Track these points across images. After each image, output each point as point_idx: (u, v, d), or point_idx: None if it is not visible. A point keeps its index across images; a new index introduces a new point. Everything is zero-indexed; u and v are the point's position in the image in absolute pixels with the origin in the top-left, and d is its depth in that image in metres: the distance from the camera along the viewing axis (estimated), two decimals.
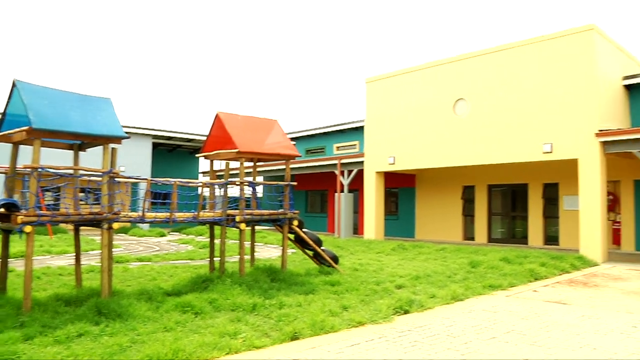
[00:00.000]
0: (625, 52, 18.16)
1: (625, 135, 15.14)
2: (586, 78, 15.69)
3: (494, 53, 17.88)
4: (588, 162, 15.51)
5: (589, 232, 15.39)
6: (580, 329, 6.96)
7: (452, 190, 22.86)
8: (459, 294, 9.14)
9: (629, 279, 11.82)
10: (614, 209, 18.79)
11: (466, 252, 15.49)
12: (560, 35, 16.39)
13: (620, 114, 17.57)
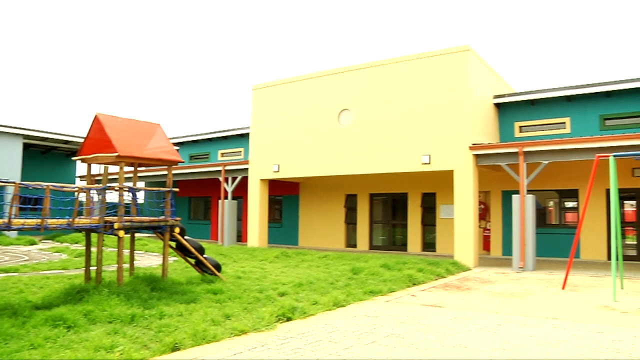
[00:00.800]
0: (495, 73, 19.61)
1: (495, 150, 16.34)
2: (461, 95, 16.75)
3: (377, 67, 18.59)
4: (462, 173, 16.54)
5: (463, 239, 16.40)
6: (453, 330, 7.39)
7: (335, 198, 23.41)
8: (340, 300, 9.36)
9: (496, 282, 12.71)
10: (485, 217, 20.14)
11: (348, 259, 15.89)
12: (438, 54, 17.38)
13: (492, 130, 18.92)
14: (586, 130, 18.26)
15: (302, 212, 24.52)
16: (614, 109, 18.17)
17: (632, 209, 18.72)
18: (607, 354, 6.16)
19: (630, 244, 18.65)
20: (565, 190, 19.09)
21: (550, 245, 18.32)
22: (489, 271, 15.08)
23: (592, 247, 17.99)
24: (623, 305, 9.53)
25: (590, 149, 14.71)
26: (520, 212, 15.61)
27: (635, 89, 17.65)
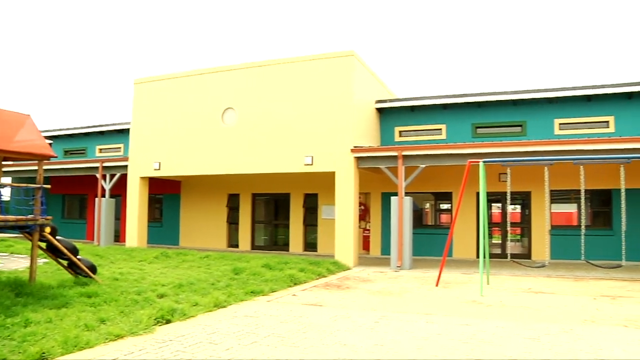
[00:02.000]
0: (378, 79, 20.28)
1: (375, 153, 16.90)
2: (344, 99, 17.14)
3: (262, 67, 18.56)
4: (344, 175, 16.93)
5: (343, 239, 16.78)
6: (333, 328, 7.53)
7: (218, 198, 23.08)
8: (221, 301, 9.23)
9: (375, 281, 13.13)
10: (365, 218, 20.74)
11: (230, 259, 15.72)
12: (323, 57, 17.67)
13: (373, 133, 19.54)
14: (460, 137, 19.39)
15: (184, 212, 23.93)
16: (484, 118, 19.47)
17: (498, 210, 20.17)
18: (473, 343, 6.56)
19: (496, 243, 20.09)
20: (441, 193, 20.14)
21: (427, 244, 19.23)
22: (368, 270, 15.54)
23: (463, 246, 19.13)
24: (488, 300, 10.21)
25: (463, 154, 15.64)
26: (399, 213, 16.23)
27: (503, 101, 19.04)
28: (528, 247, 18.83)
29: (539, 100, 18.82)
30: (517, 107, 19.13)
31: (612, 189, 17.16)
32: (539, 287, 12.09)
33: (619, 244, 12.75)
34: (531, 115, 18.95)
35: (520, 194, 18.73)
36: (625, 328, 7.75)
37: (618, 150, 14.43)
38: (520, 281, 13.09)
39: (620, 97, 18.09)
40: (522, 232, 20.06)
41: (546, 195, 12.71)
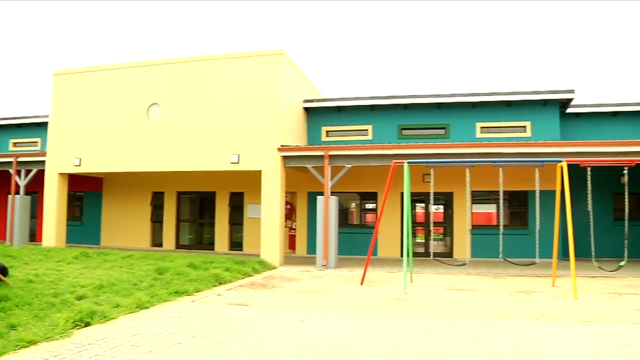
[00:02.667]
0: (306, 78, 20.33)
1: (302, 152, 16.93)
2: (272, 97, 17.06)
3: (190, 62, 18.20)
4: (270, 174, 16.85)
5: (269, 238, 16.71)
6: (258, 328, 7.46)
7: (141, 195, 22.45)
8: (144, 302, 8.95)
9: (300, 280, 13.14)
10: (291, 217, 20.74)
11: (154, 258, 15.30)
12: (252, 55, 17.53)
13: (300, 133, 19.57)
14: (386, 137, 19.75)
15: (105, 210, 23.10)
16: (410, 120, 19.92)
17: (422, 210, 20.68)
18: (397, 340, 6.68)
19: (420, 242, 20.60)
20: (366, 193, 20.43)
21: (352, 244, 19.44)
22: (294, 269, 15.54)
23: (388, 245, 19.49)
24: (412, 297, 10.43)
25: (388, 155, 15.93)
26: (324, 212, 16.33)
27: (428, 104, 19.55)
28: (450, 246, 19.42)
29: (462, 104, 19.45)
30: (441, 110, 19.69)
31: (528, 190, 17.97)
32: (460, 284, 12.47)
33: (533, 242, 13.37)
34: (454, 119, 19.56)
35: (443, 194, 19.30)
36: (537, 321, 8.13)
37: (534, 154, 15.13)
38: (442, 279, 13.46)
39: (536, 103, 18.99)
40: (444, 231, 20.67)
41: (467, 196, 13.15)
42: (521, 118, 19.14)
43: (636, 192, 18.88)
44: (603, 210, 18.32)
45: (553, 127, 18.89)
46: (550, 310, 9.12)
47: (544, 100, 18.81)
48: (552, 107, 19.00)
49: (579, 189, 13.62)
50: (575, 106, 19.70)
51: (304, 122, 20.27)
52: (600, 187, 15.68)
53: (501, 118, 19.27)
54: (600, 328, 7.68)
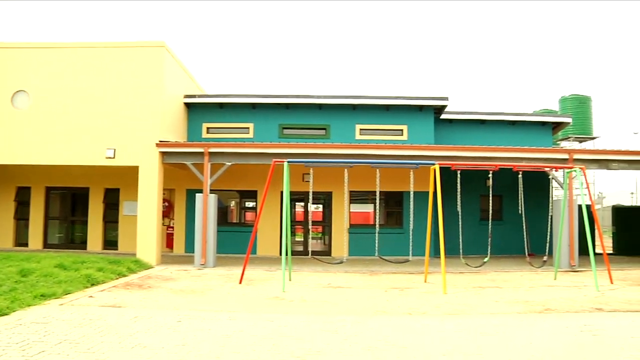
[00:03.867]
0: (188, 73, 19.82)
1: (181, 148, 16.51)
2: (152, 91, 16.46)
3: (64, 48, 17.07)
4: (148, 170, 16.26)
5: (146, 236, 16.11)
6: (133, 330, 7.16)
7: (4, 191, 20.74)
8: (3, 308, 8.20)
9: (178, 279, 12.80)
10: (169, 215, 20.15)
11: (17, 259, 14.14)
12: (132, 46, 16.80)
13: (180, 129, 19.06)
14: (267, 136, 19.75)
15: None
16: (291, 119, 20.07)
17: (301, 209, 20.92)
18: (275, 338, 6.69)
19: (299, 240, 20.82)
20: (246, 191, 20.32)
21: (231, 242, 19.23)
22: (171, 268, 15.11)
23: (267, 244, 19.50)
24: (290, 295, 10.52)
25: (269, 154, 15.94)
26: (203, 210, 16.03)
27: (309, 104, 19.81)
28: (329, 245, 19.81)
29: (342, 106, 19.91)
30: (323, 111, 20.04)
31: (404, 191, 18.73)
32: (338, 282, 12.76)
33: (408, 241, 13.98)
34: (335, 120, 19.98)
35: (322, 194, 19.64)
36: (410, 316, 8.52)
37: (409, 156, 15.82)
38: (320, 277, 13.69)
39: (413, 109, 19.89)
40: (323, 230, 21.04)
41: (345, 196, 13.51)
42: (399, 122, 19.96)
43: (499, 194, 20.42)
44: (471, 211, 19.54)
45: (428, 132, 19.88)
46: (422, 305, 9.59)
47: (420, 105, 19.73)
48: (427, 113, 19.99)
49: (449, 190, 14.44)
50: (448, 113, 20.88)
51: (185, 118, 19.77)
52: (468, 189, 16.72)
53: (380, 121, 19.97)
54: (465, 320, 8.21)
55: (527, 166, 14.08)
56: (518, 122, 21.68)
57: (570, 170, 13.74)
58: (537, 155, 16.57)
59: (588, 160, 16.87)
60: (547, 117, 22.38)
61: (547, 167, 14.58)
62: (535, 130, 21.89)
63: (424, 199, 14.29)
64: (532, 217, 17.92)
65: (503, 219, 20.69)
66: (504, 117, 21.39)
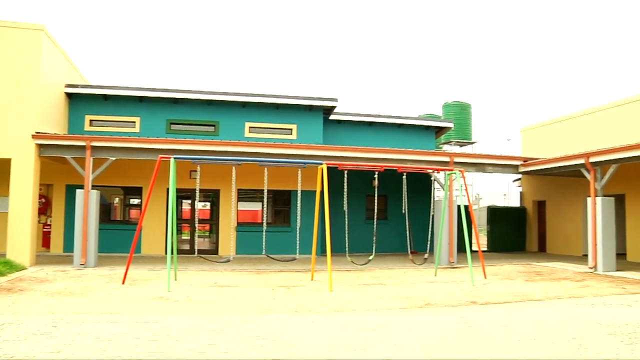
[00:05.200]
0: (69, 60, 18.71)
1: (61, 141, 15.60)
2: (28, 77, 15.39)
3: None
4: (22, 163, 15.19)
5: (18, 235, 15.04)
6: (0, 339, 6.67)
7: None
8: None
9: (55, 281, 12.09)
10: (46, 212, 18.98)
11: None
12: (7, 26, 15.51)
13: (60, 120, 17.98)
14: (154, 131, 19.15)
15: None
16: (180, 115, 19.60)
17: (188, 207, 20.49)
18: (159, 340, 6.51)
19: (186, 239, 20.39)
20: (131, 188, 19.58)
21: (115, 241, 18.44)
22: (47, 269, 14.23)
23: (152, 242, 18.91)
24: (176, 295, 10.28)
25: (156, 149, 15.46)
26: (84, 207, 15.25)
27: (199, 100, 19.45)
28: (216, 243, 19.57)
29: (232, 103, 19.74)
30: (212, 107, 19.75)
31: (292, 190, 18.91)
32: (225, 281, 12.64)
33: (295, 239, 14.11)
34: (224, 117, 19.77)
35: (210, 191, 19.38)
36: (297, 313, 8.62)
37: (298, 155, 16.01)
38: (207, 276, 13.50)
39: (303, 108, 20.12)
40: (210, 228, 20.74)
41: (233, 194, 13.39)
42: (288, 121, 20.11)
43: (384, 194, 21.16)
44: (357, 210, 20.09)
45: (317, 132, 20.19)
46: (308, 302, 9.73)
47: (309, 105, 19.99)
48: (316, 113, 20.30)
49: (336, 190, 14.74)
50: (337, 114, 21.33)
51: (66, 109, 18.66)
52: (355, 189, 17.17)
53: (270, 119, 20.01)
54: (351, 316, 8.44)
55: (411, 168, 14.71)
56: (404, 125, 22.59)
57: (451, 172, 14.52)
58: (420, 157, 17.37)
59: (467, 163, 17.95)
60: (431, 122, 23.51)
61: (430, 169, 15.29)
62: (419, 133, 22.91)
63: (312, 198, 14.51)
64: (415, 216, 18.74)
65: (388, 218, 21.47)
66: (391, 120, 22.20)
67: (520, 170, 19.38)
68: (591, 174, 15.93)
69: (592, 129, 21.20)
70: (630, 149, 14.67)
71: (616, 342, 6.79)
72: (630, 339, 6.96)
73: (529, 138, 25.54)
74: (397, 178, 14.52)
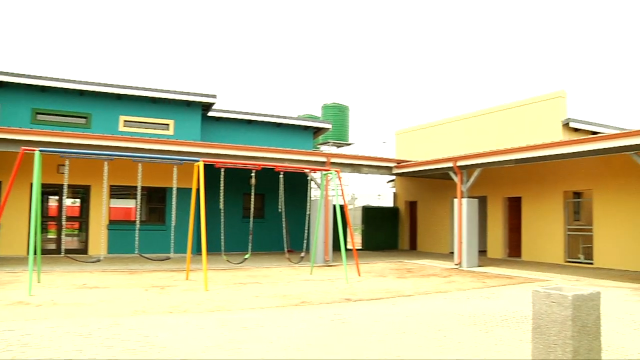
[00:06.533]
0: None
1: None
2: None
3: None
4: None
5: None
6: None
7: None
8: None
9: None
10: None
11: None
12: None
13: None
14: (18, 121, 17.76)
15: None
16: (47, 104, 18.36)
17: (55, 204, 19.23)
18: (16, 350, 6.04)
19: (52, 238, 19.10)
20: None
21: None
22: None
23: (13, 242, 17.47)
24: (39, 299, 9.59)
25: (18, 140, 14.37)
26: None
27: (69, 89, 18.33)
28: (85, 242, 18.54)
29: (106, 95, 18.83)
30: (84, 98, 18.72)
31: (167, 187, 18.38)
32: (95, 282, 12.03)
33: (170, 238, 13.74)
34: (97, 109, 18.81)
35: (80, 187, 18.34)
36: (171, 314, 8.39)
37: (174, 152, 15.59)
38: (75, 277, 12.76)
39: (181, 103, 19.64)
40: (80, 226, 19.60)
41: (105, 190, 12.76)
42: (165, 116, 19.53)
43: (262, 193, 21.19)
44: (234, 209, 19.93)
45: (195, 128, 19.78)
46: (183, 302, 9.50)
47: (188, 101, 19.55)
48: (195, 109, 19.88)
49: (213, 188, 14.54)
50: (217, 110, 21.03)
51: None
52: (232, 187, 17.02)
53: (146, 114, 19.32)
54: (226, 315, 8.35)
55: (289, 167, 14.82)
56: (283, 125, 22.77)
57: (327, 172, 14.82)
58: (298, 157, 17.57)
59: (343, 164, 18.43)
60: (309, 122, 23.86)
61: (307, 169, 15.50)
62: (298, 133, 23.19)
63: (188, 195, 14.20)
64: (292, 215, 18.96)
65: (265, 217, 21.52)
66: (271, 119, 22.28)
67: (394, 171, 20.25)
68: (458, 176, 16.99)
69: (460, 135, 22.61)
70: (492, 154, 15.84)
71: (475, 332, 7.30)
72: (487, 328, 7.54)
73: (403, 141, 26.72)
74: (274, 177, 14.59)
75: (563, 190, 18.44)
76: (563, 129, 18.42)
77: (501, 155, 15.64)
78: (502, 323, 7.95)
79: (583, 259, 17.78)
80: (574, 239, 18.41)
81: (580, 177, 17.72)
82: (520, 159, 15.19)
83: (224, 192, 13.22)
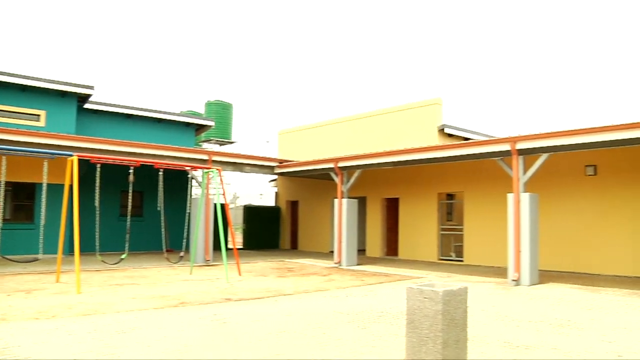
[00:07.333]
0: None
1: None
2: None
3: None
4: None
5: None
6: None
7: None
8: None
9: None
10: None
11: None
12: None
13: None
14: None
15: None
16: None
17: None
18: None
19: None
20: None
21: None
22: None
23: None
24: None
25: None
26: None
27: None
28: None
29: None
30: None
31: (36, 182, 17.18)
32: None
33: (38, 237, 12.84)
34: None
35: None
36: (37, 320, 7.81)
37: (45, 145, 14.57)
38: None
39: (54, 93, 18.42)
40: None
41: None
42: (36, 106, 18.23)
43: (141, 191, 20.42)
44: (110, 206, 19.02)
45: (69, 120, 18.65)
46: (52, 307, 8.90)
47: (62, 91, 18.39)
48: (70, 100, 18.74)
49: (89, 184, 13.78)
50: (94, 103, 19.98)
51: None
52: (109, 184, 16.21)
53: (14, 103, 17.92)
54: (100, 319, 7.92)
55: (169, 164, 14.38)
56: (164, 121, 22.09)
57: (208, 170, 14.54)
58: (179, 154, 17.11)
59: (226, 162, 18.19)
60: (192, 119, 23.31)
61: (188, 167, 15.12)
62: (180, 130, 22.61)
63: (60, 192, 13.34)
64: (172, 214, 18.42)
65: (144, 216, 20.76)
66: (151, 114, 21.53)
67: (276, 171, 20.30)
68: (339, 177, 17.35)
69: (342, 137, 23.11)
70: (372, 156, 16.35)
71: (353, 328, 7.48)
72: (364, 324, 7.76)
73: (285, 141, 26.86)
74: (154, 174, 14.10)
75: (437, 192, 19.42)
76: (439, 134, 19.40)
77: (380, 158, 16.18)
78: (379, 319, 8.20)
79: (454, 257, 18.87)
80: (446, 238, 19.47)
81: (453, 180, 18.75)
82: (398, 161, 15.81)
83: (100, 189, 12.55)
